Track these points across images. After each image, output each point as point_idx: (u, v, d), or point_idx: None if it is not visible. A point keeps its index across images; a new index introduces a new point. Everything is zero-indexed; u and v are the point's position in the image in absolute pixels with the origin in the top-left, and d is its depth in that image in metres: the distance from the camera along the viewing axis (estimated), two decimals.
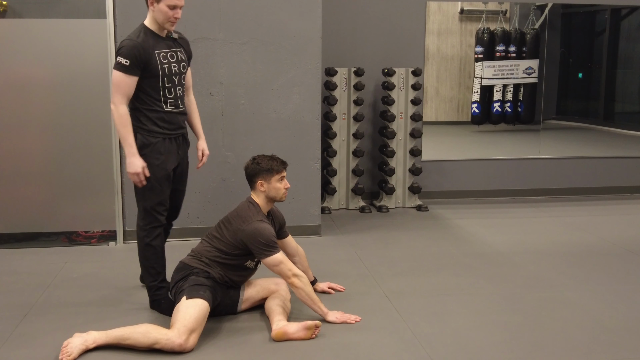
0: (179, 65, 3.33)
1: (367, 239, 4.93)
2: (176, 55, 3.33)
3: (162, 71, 3.24)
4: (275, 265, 3.17)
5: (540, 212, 5.88)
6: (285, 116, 4.80)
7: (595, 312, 3.46)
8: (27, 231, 4.73)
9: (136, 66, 3.16)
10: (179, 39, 3.41)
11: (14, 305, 3.49)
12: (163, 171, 3.31)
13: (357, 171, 5.85)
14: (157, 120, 3.28)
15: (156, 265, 3.39)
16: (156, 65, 3.22)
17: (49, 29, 4.51)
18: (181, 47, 3.40)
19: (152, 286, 3.40)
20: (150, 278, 3.40)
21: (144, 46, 3.17)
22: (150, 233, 3.35)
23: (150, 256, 3.38)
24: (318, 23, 4.75)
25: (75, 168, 4.60)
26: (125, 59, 3.14)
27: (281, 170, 3.31)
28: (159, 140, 3.28)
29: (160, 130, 3.29)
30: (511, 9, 7.69)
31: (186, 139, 3.50)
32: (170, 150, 3.34)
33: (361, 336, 3.12)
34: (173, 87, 3.31)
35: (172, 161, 3.35)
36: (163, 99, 3.28)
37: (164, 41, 3.30)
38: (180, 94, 3.37)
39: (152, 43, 3.22)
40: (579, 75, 8.78)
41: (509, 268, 4.21)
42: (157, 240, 3.37)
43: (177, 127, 3.37)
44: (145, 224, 3.35)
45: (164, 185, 3.34)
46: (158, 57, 3.23)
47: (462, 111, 8.11)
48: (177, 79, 3.33)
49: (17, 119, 4.54)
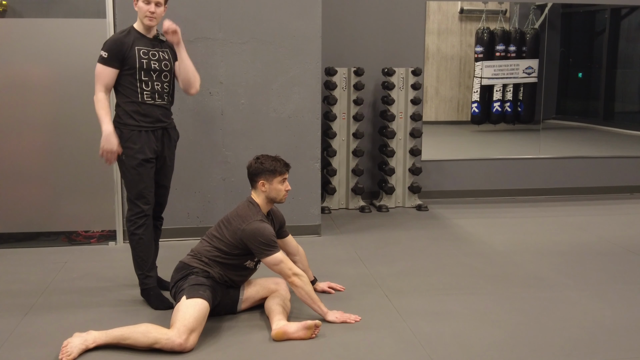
0: (159, 63, 3.46)
1: (367, 238, 4.93)
2: (158, 54, 3.47)
3: (140, 65, 3.39)
4: (275, 265, 3.17)
5: (540, 212, 5.88)
6: (285, 116, 4.80)
7: (595, 312, 3.46)
8: (27, 231, 4.72)
9: (115, 59, 3.35)
10: (166, 41, 3.54)
11: (14, 305, 3.49)
12: (136, 160, 3.42)
13: (357, 171, 5.85)
14: (132, 113, 3.42)
15: (142, 255, 3.51)
16: (134, 58, 3.38)
17: (49, 29, 4.51)
18: (167, 49, 3.54)
19: (139, 275, 3.55)
20: (136, 267, 3.55)
21: (123, 40, 3.38)
22: (135, 222, 3.48)
23: (135, 245, 3.51)
24: (318, 23, 4.75)
25: (75, 168, 4.60)
26: (105, 52, 3.37)
27: (284, 172, 3.31)
28: (134, 132, 3.42)
29: (136, 123, 3.43)
30: (511, 9, 7.69)
31: (169, 133, 3.57)
32: (145, 141, 3.44)
33: (361, 336, 3.12)
34: (150, 81, 3.44)
35: (147, 152, 3.45)
36: (139, 90, 3.42)
37: (149, 40, 3.46)
38: (160, 90, 3.47)
39: (134, 39, 3.41)
40: (578, 75, 8.78)
41: (509, 268, 4.21)
42: (141, 229, 3.48)
43: (154, 120, 3.47)
44: (130, 214, 3.50)
45: (142, 175, 3.45)
46: (138, 52, 3.39)
47: (462, 111, 8.11)
48: (157, 75, 3.45)
49: (17, 119, 4.54)
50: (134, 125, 3.42)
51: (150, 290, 3.52)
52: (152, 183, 3.51)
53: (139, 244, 3.49)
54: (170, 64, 3.52)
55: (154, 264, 3.61)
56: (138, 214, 3.48)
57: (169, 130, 3.57)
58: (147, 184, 3.48)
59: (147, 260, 3.52)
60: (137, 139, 3.41)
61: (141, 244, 3.49)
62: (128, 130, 3.41)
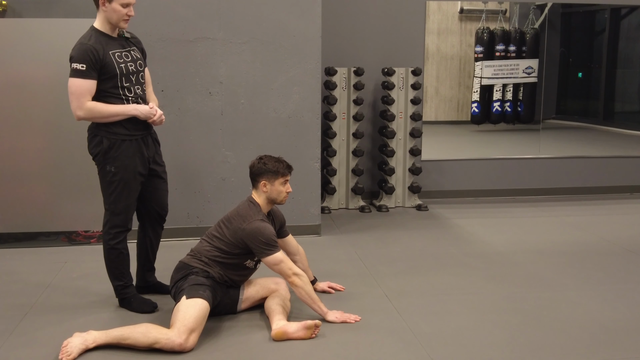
0: (135, 64, 3.30)
1: (366, 238, 4.93)
2: (130, 54, 3.30)
3: (120, 70, 3.20)
4: (275, 264, 3.17)
5: (540, 212, 5.88)
6: (285, 116, 4.80)
7: (595, 312, 3.46)
8: (27, 231, 4.73)
9: (93, 69, 3.11)
10: (131, 38, 3.39)
11: (14, 305, 3.49)
12: (131, 174, 3.28)
13: (357, 171, 5.85)
14: (123, 122, 3.23)
15: (121, 267, 3.39)
16: (112, 65, 3.18)
17: (49, 29, 4.51)
18: (134, 46, 3.37)
19: (118, 286, 3.42)
20: (115, 280, 3.41)
21: (96, 47, 3.13)
22: (116, 237, 3.33)
23: (114, 259, 3.36)
24: (318, 22, 4.75)
25: (75, 168, 4.60)
26: (81, 64, 3.09)
27: (286, 174, 3.31)
28: (125, 142, 3.25)
29: (127, 132, 3.25)
30: (511, 9, 7.70)
31: (155, 137, 3.46)
32: (136, 152, 3.30)
33: (361, 336, 3.12)
34: (132, 86, 3.28)
35: (140, 164, 3.32)
36: (124, 96, 3.24)
37: (116, 41, 3.26)
38: (140, 93, 3.33)
39: (105, 44, 3.18)
40: (578, 74, 8.78)
41: (509, 268, 4.21)
42: (122, 244, 3.36)
43: (143, 128, 3.33)
44: (111, 227, 3.32)
45: (131, 189, 3.31)
46: (113, 57, 3.19)
47: (461, 111, 8.11)
48: (135, 77, 3.30)
49: (17, 119, 4.54)
50: (125, 135, 3.24)
51: (130, 298, 3.41)
52: (136, 197, 3.37)
53: (119, 257, 3.35)
54: (143, 62, 3.39)
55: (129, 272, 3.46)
56: (120, 229, 3.32)
57: (154, 135, 3.45)
58: (134, 198, 3.35)
59: (124, 272, 3.40)
60: (129, 150, 3.26)
61: (121, 258, 3.37)
62: (119, 140, 3.23)
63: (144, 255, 3.61)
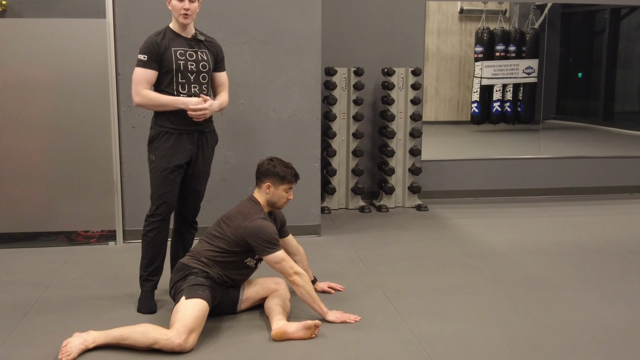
0: (197, 64, 3.39)
1: (366, 238, 4.93)
2: (196, 54, 3.40)
3: (177, 66, 3.32)
4: (277, 263, 3.17)
5: (540, 212, 5.88)
6: (285, 116, 4.80)
7: (595, 312, 3.46)
8: (27, 231, 4.72)
9: (153, 60, 3.30)
10: (205, 41, 3.46)
11: (14, 305, 3.49)
12: (165, 164, 3.37)
13: (357, 171, 5.85)
14: (169, 115, 3.35)
15: (148, 256, 3.47)
16: (170, 60, 3.31)
17: (49, 29, 4.50)
18: (206, 49, 3.45)
19: (140, 276, 3.51)
20: (140, 268, 3.52)
21: (159, 42, 3.32)
22: (149, 224, 3.45)
23: (144, 245, 3.48)
24: (318, 22, 4.75)
25: (75, 168, 4.60)
26: (143, 55, 3.31)
27: (292, 182, 3.33)
28: (168, 134, 3.36)
29: (173, 126, 3.36)
30: (511, 9, 7.70)
31: (206, 137, 3.50)
32: (179, 145, 3.38)
33: (361, 336, 3.12)
34: (187, 84, 3.37)
35: (179, 156, 3.39)
36: (176, 93, 3.35)
37: (185, 40, 3.39)
38: (198, 92, 3.40)
39: (170, 40, 3.35)
40: (578, 75, 8.79)
41: (509, 268, 4.21)
42: (153, 232, 3.44)
43: (191, 123, 3.39)
44: (148, 214, 3.47)
45: (167, 180, 3.39)
46: (174, 53, 3.33)
47: (461, 111, 8.12)
48: (194, 77, 3.39)
49: (16, 119, 4.53)
50: (169, 128, 3.36)
51: (142, 293, 3.47)
52: (176, 189, 3.44)
53: (148, 245, 3.45)
54: (209, 64, 3.45)
55: (160, 268, 3.52)
56: (154, 216, 3.43)
57: (207, 134, 3.49)
58: (170, 188, 3.41)
59: (151, 264, 3.46)
60: (171, 143, 3.36)
61: (150, 246, 3.45)
62: (163, 132, 3.36)
63: (172, 256, 3.68)
